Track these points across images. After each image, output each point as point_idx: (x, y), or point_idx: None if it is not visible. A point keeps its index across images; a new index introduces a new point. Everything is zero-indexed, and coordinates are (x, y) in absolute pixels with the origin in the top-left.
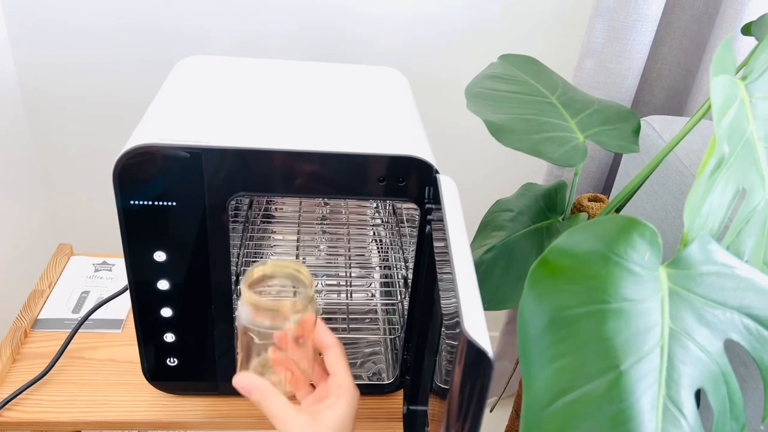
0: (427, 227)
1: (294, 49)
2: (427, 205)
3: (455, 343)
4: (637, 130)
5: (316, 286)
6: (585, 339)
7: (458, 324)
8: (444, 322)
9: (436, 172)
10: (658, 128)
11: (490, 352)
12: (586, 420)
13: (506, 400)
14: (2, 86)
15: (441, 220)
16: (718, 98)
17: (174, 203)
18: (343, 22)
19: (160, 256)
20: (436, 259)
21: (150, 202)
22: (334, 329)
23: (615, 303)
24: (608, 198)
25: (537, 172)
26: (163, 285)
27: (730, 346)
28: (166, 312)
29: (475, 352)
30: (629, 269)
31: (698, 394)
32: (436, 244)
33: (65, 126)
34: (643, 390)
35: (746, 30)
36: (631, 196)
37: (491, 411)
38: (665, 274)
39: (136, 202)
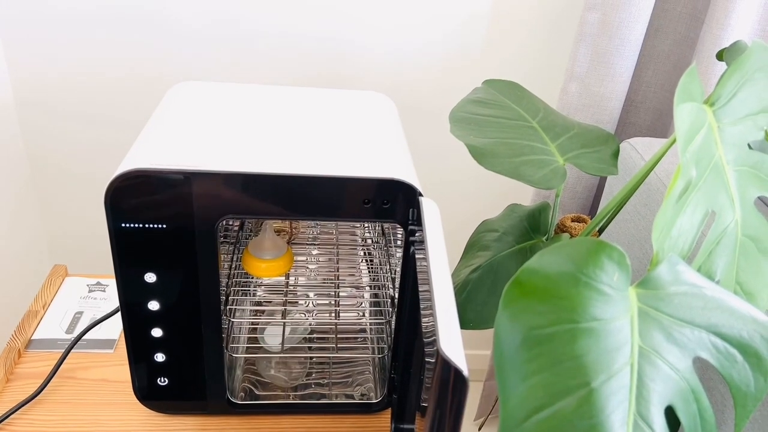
0: (411, 248)
1: (284, 76)
2: (411, 227)
3: (433, 361)
4: (616, 153)
5: (307, 305)
6: (557, 357)
7: (435, 343)
8: (424, 340)
9: (419, 194)
10: (641, 150)
11: (465, 370)
12: None
13: (496, 420)
14: None
15: (423, 241)
16: (683, 125)
17: (164, 226)
18: (332, 50)
19: (150, 277)
20: (418, 278)
21: (141, 225)
22: (324, 349)
23: (585, 322)
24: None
25: (525, 193)
26: (154, 305)
27: (709, 365)
28: (157, 332)
29: (449, 370)
30: (599, 290)
31: (673, 413)
32: (418, 264)
33: (60, 148)
34: (614, 407)
35: (719, 56)
36: (613, 216)
37: (479, 429)
38: (634, 294)
39: (128, 225)
